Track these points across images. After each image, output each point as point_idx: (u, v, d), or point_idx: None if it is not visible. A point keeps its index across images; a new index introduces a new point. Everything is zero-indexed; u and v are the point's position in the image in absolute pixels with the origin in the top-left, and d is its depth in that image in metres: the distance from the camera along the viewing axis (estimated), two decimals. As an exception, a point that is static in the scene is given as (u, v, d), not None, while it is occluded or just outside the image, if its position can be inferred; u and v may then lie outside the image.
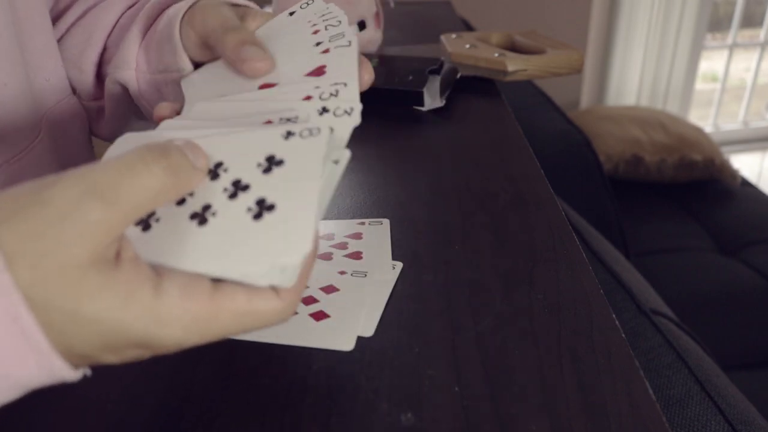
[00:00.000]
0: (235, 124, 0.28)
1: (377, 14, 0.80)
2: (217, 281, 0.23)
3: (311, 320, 0.35)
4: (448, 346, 0.33)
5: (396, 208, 0.46)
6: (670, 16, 1.99)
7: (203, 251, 0.23)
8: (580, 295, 0.36)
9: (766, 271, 1.13)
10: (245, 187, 0.24)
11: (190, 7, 0.39)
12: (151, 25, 0.44)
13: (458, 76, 0.69)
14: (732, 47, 2.27)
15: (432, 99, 0.64)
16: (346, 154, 0.26)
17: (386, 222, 0.44)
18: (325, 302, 0.36)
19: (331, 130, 0.26)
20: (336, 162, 0.26)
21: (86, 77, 0.48)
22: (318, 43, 0.33)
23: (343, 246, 0.42)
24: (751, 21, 2.31)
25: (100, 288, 0.21)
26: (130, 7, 0.47)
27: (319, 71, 0.31)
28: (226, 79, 0.34)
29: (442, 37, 0.79)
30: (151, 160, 0.22)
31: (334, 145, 0.26)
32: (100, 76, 0.48)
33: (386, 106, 0.64)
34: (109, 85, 0.46)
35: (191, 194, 0.24)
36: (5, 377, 0.20)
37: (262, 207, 0.23)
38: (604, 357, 0.32)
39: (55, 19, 0.49)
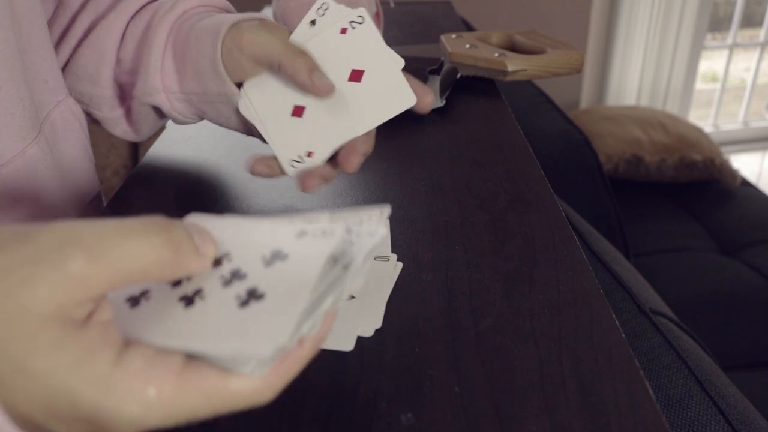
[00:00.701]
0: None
1: (377, 14, 0.80)
2: (190, 359, 0.21)
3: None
4: (448, 346, 0.33)
5: (396, 208, 0.46)
6: (670, 16, 1.99)
7: (179, 328, 0.22)
8: (580, 295, 0.36)
9: (766, 271, 1.13)
10: (242, 276, 0.23)
11: (227, 32, 0.40)
12: (167, 39, 0.44)
13: (458, 76, 0.69)
14: (732, 47, 2.27)
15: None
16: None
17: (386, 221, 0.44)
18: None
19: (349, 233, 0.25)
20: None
21: (105, 91, 0.49)
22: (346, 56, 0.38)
23: None
24: (751, 21, 2.31)
25: (55, 344, 0.19)
26: (133, 17, 0.47)
27: (357, 75, 0.38)
28: (281, 90, 0.40)
29: (442, 37, 0.79)
30: (152, 230, 0.20)
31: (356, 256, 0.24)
32: (117, 85, 0.49)
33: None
34: (137, 108, 0.47)
35: (189, 279, 0.23)
36: None
37: (252, 296, 0.22)
38: (604, 357, 0.32)
39: (57, 24, 0.49)
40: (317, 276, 0.22)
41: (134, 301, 0.23)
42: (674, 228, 1.31)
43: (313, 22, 0.39)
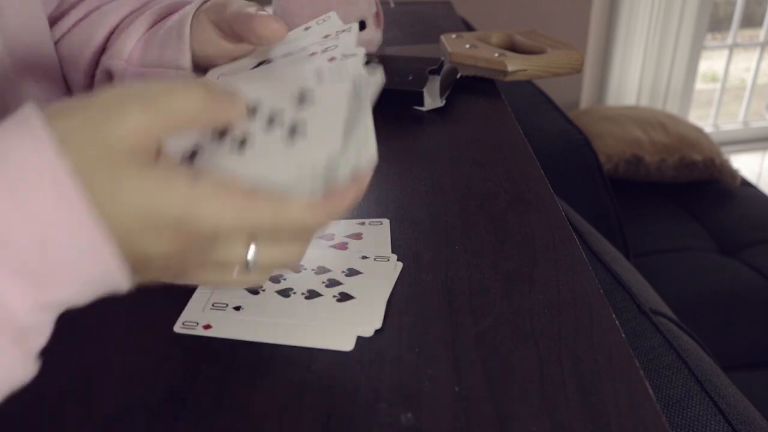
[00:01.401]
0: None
1: (377, 14, 0.80)
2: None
3: (312, 320, 0.35)
4: (448, 346, 0.33)
5: (396, 208, 0.46)
6: (670, 16, 1.99)
7: (239, 169, 0.25)
8: (580, 295, 0.36)
9: (766, 271, 1.13)
10: (280, 113, 0.27)
11: (203, 3, 0.39)
12: (156, 23, 0.44)
13: (458, 76, 0.69)
14: (732, 47, 2.27)
15: (432, 99, 0.64)
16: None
17: (386, 222, 0.44)
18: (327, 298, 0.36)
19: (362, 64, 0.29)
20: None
21: (80, 76, 0.48)
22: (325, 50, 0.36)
23: (342, 246, 0.41)
24: (751, 21, 2.31)
25: (140, 171, 0.22)
26: (132, 12, 0.47)
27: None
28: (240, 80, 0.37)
29: (442, 37, 0.79)
30: (193, 85, 0.24)
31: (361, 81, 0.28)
32: (93, 77, 0.48)
33: (386, 106, 0.64)
34: (98, 78, 0.46)
35: (232, 132, 0.27)
36: (55, 252, 0.21)
37: (294, 132, 0.26)
38: (604, 357, 0.32)
39: (58, 18, 0.48)
40: (346, 97, 0.26)
41: (190, 157, 0.27)
42: (674, 228, 1.31)
43: (307, 29, 0.37)
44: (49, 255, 0.21)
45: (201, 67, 0.40)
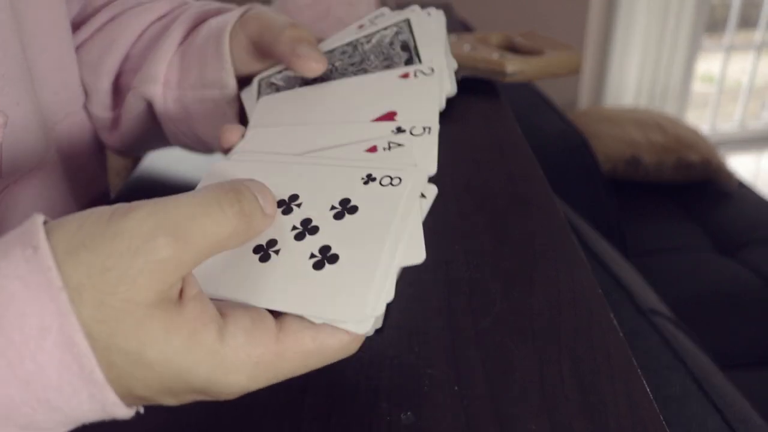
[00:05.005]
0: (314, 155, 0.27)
1: (376, 15, 0.80)
2: (280, 316, 0.23)
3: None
4: (448, 346, 0.33)
5: (396, 208, 0.46)
6: (667, 18, 2.00)
7: (266, 287, 0.23)
8: (579, 295, 0.36)
9: (763, 270, 1.14)
10: (314, 230, 0.23)
11: (241, 16, 0.37)
12: (186, 37, 0.42)
13: (458, 77, 0.69)
14: (729, 49, 2.28)
15: (431, 99, 0.64)
16: (433, 191, 0.25)
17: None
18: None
19: (417, 175, 0.25)
20: (423, 196, 0.25)
21: (102, 84, 0.45)
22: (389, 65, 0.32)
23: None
24: (748, 22, 2.32)
25: (165, 330, 0.20)
26: (160, 18, 0.45)
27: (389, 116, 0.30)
28: (291, 101, 0.33)
29: (441, 38, 0.79)
30: (225, 204, 0.21)
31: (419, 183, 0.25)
32: (117, 85, 0.46)
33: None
34: (131, 100, 0.44)
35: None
36: (56, 410, 0.19)
37: (325, 256, 0.23)
38: (603, 357, 0.32)
39: (81, 23, 0.46)
40: (386, 235, 0.22)
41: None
42: (672, 228, 1.31)
43: (360, 27, 0.34)
44: (51, 414, 0.19)
45: (241, 85, 0.38)
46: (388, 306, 0.37)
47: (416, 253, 0.23)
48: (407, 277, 0.39)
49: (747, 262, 1.17)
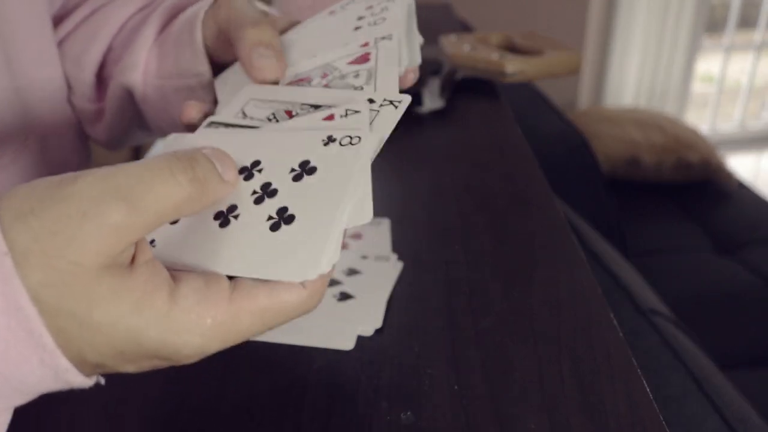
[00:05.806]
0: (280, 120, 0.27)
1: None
2: (234, 279, 0.23)
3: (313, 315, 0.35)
4: (448, 346, 0.33)
5: (396, 208, 0.46)
6: (667, 18, 2.00)
7: (220, 252, 0.23)
8: (579, 295, 0.36)
9: (762, 270, 1.14)
10: (273, 193, 0.24)
11: (213, 3, 0.37)
12: (165, 26, 0.42)
13: (458, 77, 0.69)
14: (729, 49, 2.28)
15: (432, 100, 0.64)
16: (406, 99, 0.25)
17: (386, 222, 0.44)
18: (328, 298, 0.36)
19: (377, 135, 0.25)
20: (394, 105, 0.25)
21: (86, 76, 0.45)
22: (357, 28, 0.32)
23: (343, 246, 0.42)
24: (747, 22, 2.32)
25: (113, 293, 0.19)
26: (142, 9, 0.45)
27: (363, 59, 0.30)
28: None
29: (442, 39, 0.79)
30: (177, 170, 0.21)
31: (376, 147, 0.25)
32: (101, 77, 0.46)
33: (386, 107, 0.64)
34: (113, 89, 0.44)
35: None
36: (6, 378, 0.19)
37: (282, 217, 0.23)
38: (602, 356, 0.32)
39: (62, 17, 0.47)
40: (343, 197, 0.23)
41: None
42: (672, 228, 1.31)
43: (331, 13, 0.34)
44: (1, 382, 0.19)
45: (219, 70, 0.38)
46: (389, 306, 0.37)
47: (364, 214, 0.23)
48: (407, 277, 0.39)
49: (747, 262, 1.17)
